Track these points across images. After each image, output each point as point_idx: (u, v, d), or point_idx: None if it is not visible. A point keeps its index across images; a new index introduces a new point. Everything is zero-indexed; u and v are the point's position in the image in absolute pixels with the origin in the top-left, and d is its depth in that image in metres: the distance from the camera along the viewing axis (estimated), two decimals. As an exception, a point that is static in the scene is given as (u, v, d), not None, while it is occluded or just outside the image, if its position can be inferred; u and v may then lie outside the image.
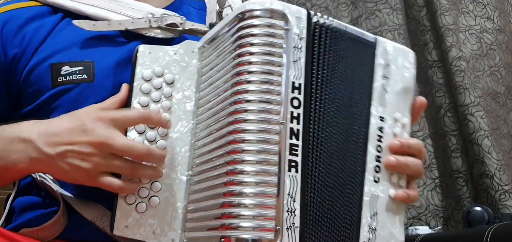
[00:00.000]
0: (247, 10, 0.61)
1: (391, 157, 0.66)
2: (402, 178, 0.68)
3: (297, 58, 0.61)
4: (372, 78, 0.68)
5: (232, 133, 0.59)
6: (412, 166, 0.67)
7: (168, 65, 0.69)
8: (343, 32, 0.66)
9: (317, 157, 0.61)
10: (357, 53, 0.68)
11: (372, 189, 0.65)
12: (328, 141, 0.63)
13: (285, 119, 0.59)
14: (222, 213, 0.57)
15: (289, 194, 0.58)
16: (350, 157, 0.64)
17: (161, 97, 0.67)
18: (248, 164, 0.57)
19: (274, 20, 0.61)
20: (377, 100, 0.68)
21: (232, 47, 0.62)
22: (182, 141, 0.67)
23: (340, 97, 0.65)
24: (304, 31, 0.62)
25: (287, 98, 0.59)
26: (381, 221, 0.65)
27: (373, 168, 0.66)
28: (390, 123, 0.68)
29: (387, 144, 0.67)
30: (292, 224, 0.57)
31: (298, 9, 0.63)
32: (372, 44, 0.69)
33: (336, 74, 0.65)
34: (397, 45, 0.72)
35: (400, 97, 0.70)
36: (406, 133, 0.70)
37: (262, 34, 0.60)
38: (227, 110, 0.60)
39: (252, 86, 0.59)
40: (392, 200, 0.67)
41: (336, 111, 0.64)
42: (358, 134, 0.66)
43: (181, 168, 0.66)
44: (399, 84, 0.70)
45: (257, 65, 0.59)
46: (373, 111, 0.67)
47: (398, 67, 0.71)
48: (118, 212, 0.63)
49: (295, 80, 0.60)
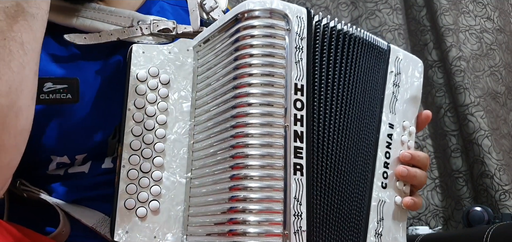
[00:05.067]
0: (247, 10, 0.60)
1: (402, 167, 0.68)
2: (407, 185, 0.69)
3: (299, 59, 0.60)
4: (384, 85, 0.69)
5: (235, 137, 0.58)
6: (419, 177, 0.69)
7: (162, 65, 0.67)
8: (355, 37, 0.66)
9: (323, 159, 0.61)
10: (369, 59, 0.68)
11: (380, 194, 0.66)
12: (335, 143, 0.62)
13: (288, 122, 0.58)
14: (228, 218, 0.57)
15: (295, 198, 0.57)
16: (359, 161, 0.64)
17: (157, 98, 0.66)
18: (252, 169, 0.56)
19: (274, 20, 0.60)
20: (387, 107, 0.69)
21: (231, 48, 0.61)
22: (180, 142, 0.66)
23: (350, 100, 0.64)
24: (305, 31, 0.61)
25: (290, 100, 0.58)
26: (387, 226, 0.66)
27: (382, 173, 0.67)
28: (398, 130, 0.69)
29: (396, 152, 0.68)
30: (299, 228, 0.57)
31: (299, 8, 0.62)
32: (385, 51, 0.70)
33: (346, 78, 0.64)
34: (408, 55, 0.72)
35: (408, 105, 0.71)
36: (412, 140, 0.71)
37: (262, 35, 0.59)
38: (228, 113, 0.59)
39: (253, 89, 0.58)
40: (398, 206, 0.67)
41: (344, 114, 0.64)
42: (369, 139, 0.66)
43: (180, 170, 0.65)
44: (408, 93, 0.71)
45: (258, 67, 0.58)
46: (383, 118, 0.68)
47: (408, 77, 0.72)
48: (118, 217, 0.62)
49: (298, 82, 0.59)
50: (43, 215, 0.71)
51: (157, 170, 0.64)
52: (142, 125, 0.64)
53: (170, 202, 0.64)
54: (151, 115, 0.65)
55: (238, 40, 0.60)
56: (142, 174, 0.63)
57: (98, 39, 0.71)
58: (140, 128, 0.64)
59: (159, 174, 0.64)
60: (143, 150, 0.64)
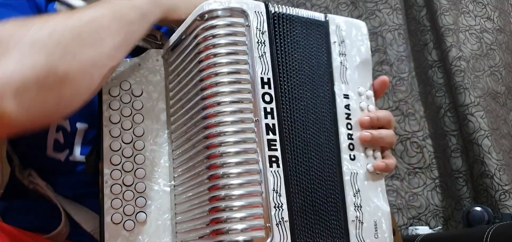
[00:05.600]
0: (206, 11, 0.60)
1: (365, 132, 0.67)
2: (377, 150, 0.69)
3: (262, 53, 0.61)
4: (330, 58, 0.68)
5: (208, 137, 0.58)
6: (386, 137, 0.68)
7: (134, 78, 0.67)
8: (296, 18, 0.66)
9: (295, 148, 0.61)
10: (311, 36, 0.67)
11: (350, 167, 0.66)
12: (302, 130, 0.63)
13: (259, 116, 0.59)
14: (211, 219, 0.57)
15: (274, 190, 0.58)
16: (324, 141, 0.64)
17: (132, 111, 0.66)
18: (229, 166, 0.57)
19: (234, 18, 0.60)
20: (338, 79, 0.68)
21: (195, 51, 0.61)
22: (160, 151, 0.66)
23: (305, 84, 0.65)
24: (264, 25, 0.62)
25: (258, 95, 0.59)
26: (365, 196, 0.66)
27: (347, 146, 0.66)
28: (355, 98, 0.69)
29: (357, 120, 0.68)
30: (281, 219, 0.57)
31: (257, 3, 0.62)
32: (324, 23, 0.69)
33: (298, 62, 0.65)
34: (349, 19, 0.72)
35: (360, 71, 0.70)
36: (372, 104, 0.70)
37: (224, 34, 0.60)
38: (200, 115, 0.60)
39: (221, 88, 0.59)
40: (371, 173, 0.67)
41: (304, 99, 0.64)
42: (327, 116, 0.65)
43: (163, 179, 0.65)
44: (357, 59, 0.70)
45: (223, 66, 0.59)
46: (336, 91, 0.67)
47: (353, 42, 0.71)
48: (106, 232, 0.62)
49: (264, 76, 0.60)
50: (42, 211, 0.72)
51: (140, 182, 0.64)
52: (120, 139, 0.64)
53: (156, 211, 0.64)
54: (127, 128, 0.65)
55: (201, 41, 0.60)
56: (126, 187, 0.63)
57: None
58: (118, 142, 0.64)
59: (143, 185, 0.64)
60: (123, 163, 0.64)
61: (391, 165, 0.68)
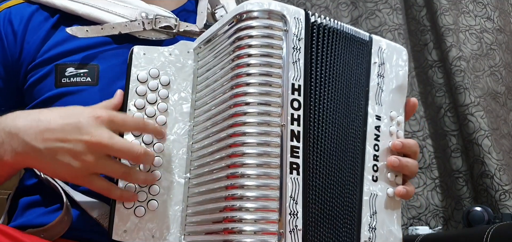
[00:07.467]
0: (245, 11, 0.61)
1: (394, 157, 0.68)
2: (398, 176, 0.69)
3: (296, 60, 0.61)
4: (368, 77, 0.69)
5: (232, 136, 0.58)
6: (411, 166, 0.69)
7: (163, 67, 0.68)
8: (340, 32, 0.67)
9: (318, 158, 0.61)
10: (353, 52, 0.68)
11: (371, 188, 0.66)
12: (328, 142, 0.63)
13: (285, 121, 0.59)
14: (224, 216, 0.57)
15: (291, 197, 0.58)
16: (349, 157, 0.65)
17: (157, 99, 0.67)
18: (249, 167, 0.57)
19: (272, 21, 0.61)
20: (373, 99, 0.68)
21: (230, 49, 0.61)
22: (179, 143, 0.66)
23: (338, 97, 0.65)
24: (302, 32, 0.62)
25: (287, 100, 0.59)
26: (380, 219, 0.66)
27: (371, 167, 0.66)
28: (386, 121, 0.69)
29: (385, 144, 0.68)
30: (295, 227, 0.57)
31: (297, 9, 0.62)
32: (367, 42, 0.70)
33: (333, 74, 0.65)
34: (391, 43, 0.72)
35: (395, 95, 0.71)
36: (401, 130, 0.71)
37: (260, 36, 0.60)
38: (226, 113, 0.60)
39: (251, 89, 0.59)
40: (390, 198, 0.67)
41: (334, 111, 0.64)
42: (356, 133, 0.66)
43: (179, 171, 0.66)
44: (394, 83, 0.71)
45: (255, 67, 0.59)
46: (369, 111, 0.68)
47: (393, 66, 0.71)
48: (116, 216, 0.62)
49: (295, 82, 0.60)
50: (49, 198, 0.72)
51: (156, 170, 0.65)
52: None
53: (168, 201, 0.64)
54: (151, 116, 0.66)
55: (236, 40, 0.60)
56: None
57: (99, 32, 0.73)
58: None
59: (158, 174, 0.65)
60: None
61: (411, 192, 0.69)
